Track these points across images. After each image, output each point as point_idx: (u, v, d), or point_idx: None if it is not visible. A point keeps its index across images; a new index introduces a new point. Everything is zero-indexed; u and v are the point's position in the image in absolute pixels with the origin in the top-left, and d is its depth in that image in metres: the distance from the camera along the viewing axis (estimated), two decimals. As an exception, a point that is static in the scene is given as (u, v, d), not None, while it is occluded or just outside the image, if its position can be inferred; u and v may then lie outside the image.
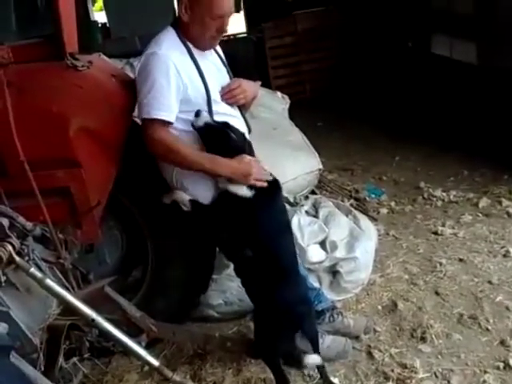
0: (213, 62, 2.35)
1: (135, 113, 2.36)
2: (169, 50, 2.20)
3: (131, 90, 2.32)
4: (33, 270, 1.82)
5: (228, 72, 2.44)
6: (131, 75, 2.70)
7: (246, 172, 2.17)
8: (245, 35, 7.36)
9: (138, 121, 2.40)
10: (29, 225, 1.95)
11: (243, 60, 6.75)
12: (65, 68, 2.17)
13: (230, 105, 2.38)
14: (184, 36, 2.25)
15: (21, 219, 1.93)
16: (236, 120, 2.36)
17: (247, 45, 6.92)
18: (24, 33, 2.57)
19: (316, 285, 2.81)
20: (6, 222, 1.85)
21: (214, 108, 2.26)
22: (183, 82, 2.20)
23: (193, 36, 2.25)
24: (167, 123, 2.20)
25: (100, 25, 7.37)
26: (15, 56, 2.17)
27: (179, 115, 2.24)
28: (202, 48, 2.29)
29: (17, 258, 1.79)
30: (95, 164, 2.24)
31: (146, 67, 2.19)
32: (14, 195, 2.07)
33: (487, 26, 4.68)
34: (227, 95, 2.34)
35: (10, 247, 1.78)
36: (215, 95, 2.30)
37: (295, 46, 7.01)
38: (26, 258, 1.85)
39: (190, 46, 2.25)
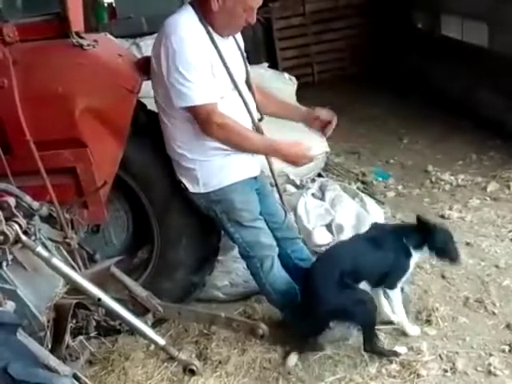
0: (229, 46, 2.32)
1: (141, 93, 2.35)
2: (193, 33, 2.15)
3: (137, 70, 2.30)
4: (39, 249, 1.83)
5: (242, 55, 2.41)
6: (138, 55, 2.68)
7: (301, 155, 2.29)
8: (252, 16, 7.27)
9: (144, 101, 2.40)
10: (35, 204, 1.95)
11: (251, 41, 6.67)
12: (70, 46, 2.16)
13: (249, 89, 2.39)
14: (205, 19, 2.19)
15: (27, 198, 1.93)
16: (250, 105, 2.36)
17: (255, 26, 6.83)
18: (30, 11, 2.54)
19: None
20: (12, 201, 1.86)
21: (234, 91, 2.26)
22: (211, 64, 2.17)
23: (218, 23, 2.19)
24: (216, 104, 2.17)
25: (106, 4, 7.29)
26: (21, 34, 2.16)
27: None
28: (224, 35, 2.25)
29: (23, 237, 1.80)
30: (101, 144, 2.24)
31: (175, 52, 2.10)
32: (20, 175, 2.08)
33: (499, 8, 4.60)
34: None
35: (16, 226, 1.78)
36: (236, 79, 2.27)
37: (303, 28, 6.92)
38: (33, 237, 1.86)
39: (210, 29, 2.20)
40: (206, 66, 2.14)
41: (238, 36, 2.39)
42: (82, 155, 2.21)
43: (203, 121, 2.17)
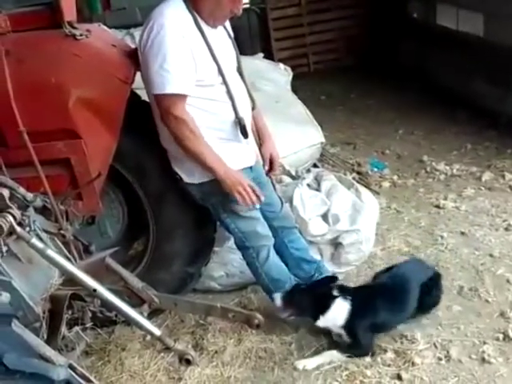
0: (218, 35, 2.30)
1: (135, 84, 2.34)
2: (177, 21, 2.13)
3: (131, 60, 2.28)
4: (34, 240, 1.83)
5: (233, 45, 2.39)
6: (132, 46, 2.66)
7: (237, 183, 2.22)
8: (247, 6, 7.21)
9: (139, 92, 2.39)
10: (29, 196, 1.95)
11: (246, 32, 6.64)
12: (63, 37, 2.14)
13: (241, 77, 2.37)
14: (193, 8, 2.18)
15: (21, 190, 1.93)
16: (241, 93, 2.34)
17: (250, 16, 6.80)
18: (22, 1, 2.52)
19: (317, 257, 2.82)
20: (6, 192, 1.86)
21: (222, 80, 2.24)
22: (193, 53, 2.15)
23: (204, 12, 2.18)
24: (183, 96, 2.16)
25: (100, -5, 7.23)
26: (13, 24, 2.14)
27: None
28: (210, 24, 2.24)
29: (18, 229, 1.80)
30: (95, 135, 2.22)
31: (155, 40, 2.10)
32: (14, 166, 2.07)
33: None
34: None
35: (10, 218, 1.78)
36: (223, 67, 2.26)
37: (299, 18, 6.89)
38: (27, 228, 1.86)
39: (198, 17, 2.19)
40: (185, 55, 2.12)
41: (227, 24, 2.38)
42: (75, 146, 2.19)
43: (164, 110, 2.17)
